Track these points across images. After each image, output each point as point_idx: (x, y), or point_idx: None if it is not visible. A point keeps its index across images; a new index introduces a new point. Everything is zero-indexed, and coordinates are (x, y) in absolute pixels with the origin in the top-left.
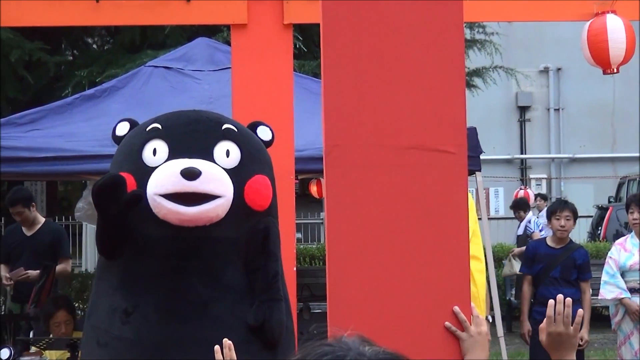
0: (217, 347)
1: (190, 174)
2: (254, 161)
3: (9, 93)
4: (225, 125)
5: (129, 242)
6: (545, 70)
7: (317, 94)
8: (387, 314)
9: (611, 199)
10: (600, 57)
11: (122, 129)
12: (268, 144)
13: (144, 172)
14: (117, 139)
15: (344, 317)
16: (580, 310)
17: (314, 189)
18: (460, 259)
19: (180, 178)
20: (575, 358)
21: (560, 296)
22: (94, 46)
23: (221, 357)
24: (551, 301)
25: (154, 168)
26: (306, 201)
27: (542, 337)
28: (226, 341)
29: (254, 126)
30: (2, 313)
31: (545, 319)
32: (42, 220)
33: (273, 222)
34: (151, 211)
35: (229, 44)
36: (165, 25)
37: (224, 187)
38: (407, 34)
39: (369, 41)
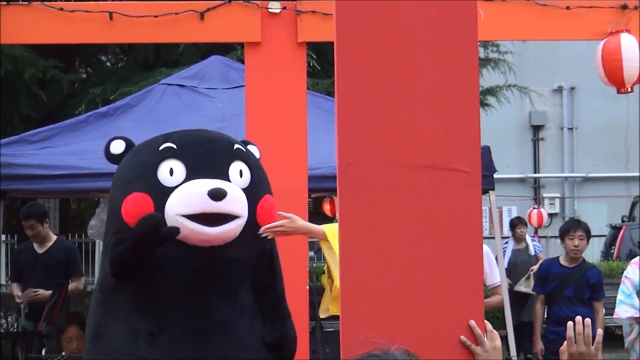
0: None
1: (218, 195)
2: (262, 181)
3: (23, 110)
4: (236, 145)
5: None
6: (559, 90)
7: (331, 113)
8: (402, 329)
9: (624, 218)
10: (615, 76)
11: (118, 147)
12: None
13: (162, 192)
14: (113, 157)
15: (358, 333)
16: (599, 330)
17: (327, 207)
18: (475, 275)
19: (207, 199)
20: None
21: (579, 317)
22: (108, 64)
23: None
24: (570, 323)
25: (172, 188)
26: (319, 219)
27: (564, 358)
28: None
29: (244, 145)
30: (16, 331)
31: (565, 340)
32: (54, 237)
33: (275, 241)
34: None
35: (243, 62)
36: (179, 43)
37: (244, 207)
38: (421, 52)
39: (382, 59)
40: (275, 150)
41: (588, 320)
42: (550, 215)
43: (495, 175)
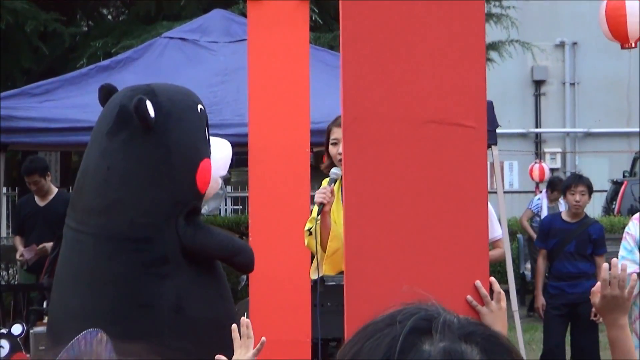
0: (234, 326)
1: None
2: None
3: (24, 64)
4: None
5: None
6: (561, 45)
7: (333, 67)
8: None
9: (626, 174)
10: (619, 31)
11: (152, 109)
12: None
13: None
14: (148, 122)
15: (362, 292)
16: (634, 275)
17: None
18: (480, 233)
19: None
20: (627, 322)
21: (615, 260)
22: (109, 17)
23: (238, 336)
24: (606, 264)
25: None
26: (319, 173)
27: (595, 299)
28: (244, 319)
29: None
30: (17, 283)
31: (600, 281)
32: (55, 190)
33: None
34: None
35: (245, 16)
36: None
37: None
38: (427, 7)
39: (388, 14)
40: (277, 105)
41: (624, 265)
42: (552, 170)
43: (497, 130)
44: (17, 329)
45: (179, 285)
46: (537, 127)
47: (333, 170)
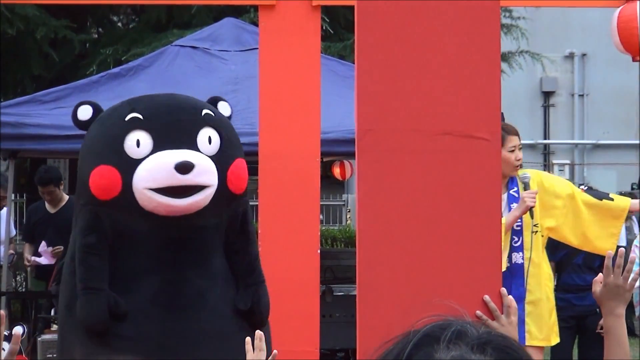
0: (247, 339)
1: (185, 168)
2: (232, 145)
3: (34, 70)
4: (204, 111)
5: (117, 238)
6: (571, 56)
7: (343, 77)
8: (418, 301)
9: (634, 186)
10: (630, 43)
11: (85, 113)
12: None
13: (129, 165)
14: (80, 124)
15: (373, 304)
16: (629, 266)
17: (336, 171)
18: (492, 247)
19: (174, 172)
20: (623, 312)
21: (622, 250)
22: (119, 24)
23: (251, 349)
24: (610, 252)
25: (139, 160)
26: (328, 183)
27: (596, 288)
28: (258, 332)
29: (214, 102)
30: (25, 290)
31: (603, 269)
32: (67, 197)
33: (248, 203)
34: (137, 205)
35: (256, 25)
36: (192, 5)
37: (214, 177)
38: (442, 19)
39: (403, 25)
40: (288, 114)
41: (633, 257)
42: None
43: None
44: (17, 330)
45: (73, 285)
46: (545, 138)
47: (522, 174)
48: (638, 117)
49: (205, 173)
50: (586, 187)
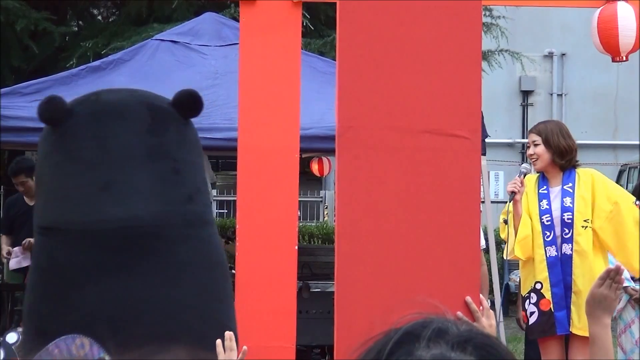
0: (218, 341)
1: None
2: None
3: (13, 62)
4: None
5: None
6: (550, 55)
7: (324, 73)
8: (395, 299)
9: None
10: (610, 44)
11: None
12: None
13: None
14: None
15: (351, 302)
16: (620, 277)
17: (315, 167)
18: (472, 246)
19: None
20: (609, 322)
21: (618, 264)
22: (99, 18)
23: (222, 350)
24: (610, 267)
25: None
26: (306, 179)
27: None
28: (227, 332)
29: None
30: (1, 283)
31: (597, 279)
32: None
33: None
34: None
35: (236, 20)
36: None
37: None
38: (424, 18)
39: (385, 23)
40: (267, 110)
41: (624, 270)
42: None
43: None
44: (11, 337)
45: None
46: (524, 137)
47: (524, 165)
48: (616, 118)
49: None
50: None
